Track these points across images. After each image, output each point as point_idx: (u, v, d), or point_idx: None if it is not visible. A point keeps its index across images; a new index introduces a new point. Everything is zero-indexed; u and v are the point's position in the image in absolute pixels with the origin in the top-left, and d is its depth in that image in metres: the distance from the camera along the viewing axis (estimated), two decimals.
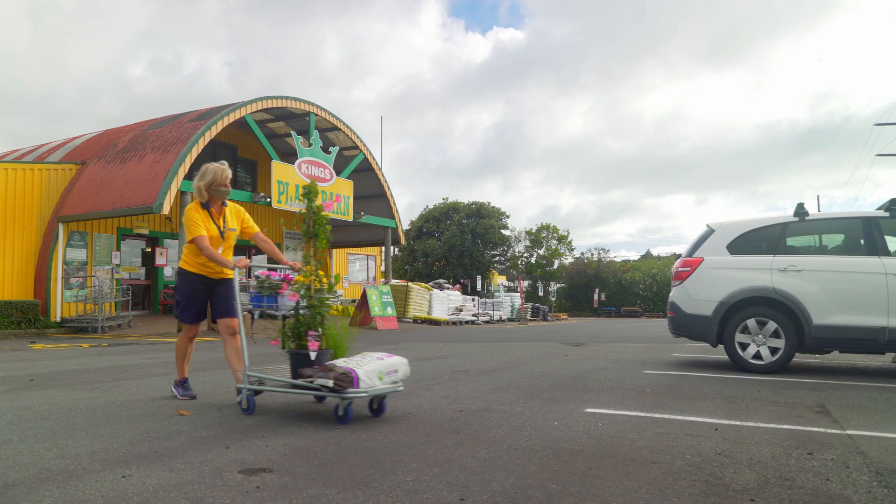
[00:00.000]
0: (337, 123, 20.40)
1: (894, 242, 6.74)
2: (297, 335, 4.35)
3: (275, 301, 4.51)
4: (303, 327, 4.33)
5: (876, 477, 2.86)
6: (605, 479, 2.79)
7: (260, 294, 4.57)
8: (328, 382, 3.91)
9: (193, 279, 4.77)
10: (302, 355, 4.23)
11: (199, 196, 4.76)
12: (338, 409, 3.98)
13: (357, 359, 4.18)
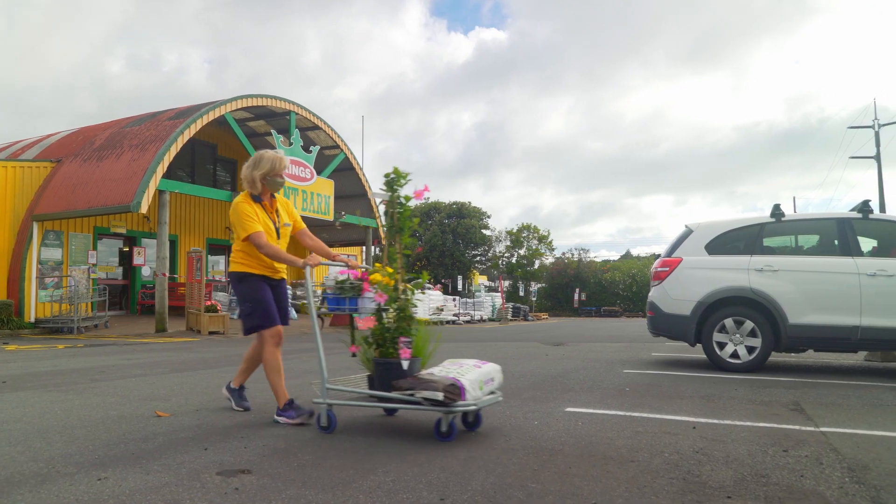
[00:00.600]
0: (318, 122, 20.30)
1: (867, 243, 6.87)
2: (381, 342, 3.83)
3: (356, 303, 3.95)
4: (388, 332, 3.80)
5: (848, 473, 2.91)
6: (584, 478, 2.80)
7: (341, 296, 3.99)
8: (437, 395, 3.40)
9: (258, 280, 4.13)
10: (393, 365, 3.70)
11: (251, 187, 4.14)
12: (440, 425, 3.52)
13: (453, 367, 3.73)
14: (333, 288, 4.03)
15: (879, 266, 6.47)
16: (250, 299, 4.09)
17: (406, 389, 3.54)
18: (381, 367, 3.76)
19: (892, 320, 6.35)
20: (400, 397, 3.57)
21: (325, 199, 19.92)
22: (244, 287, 4.12)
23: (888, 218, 7.21)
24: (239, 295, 4.16)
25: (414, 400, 3.52)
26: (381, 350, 3.81)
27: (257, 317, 4.09)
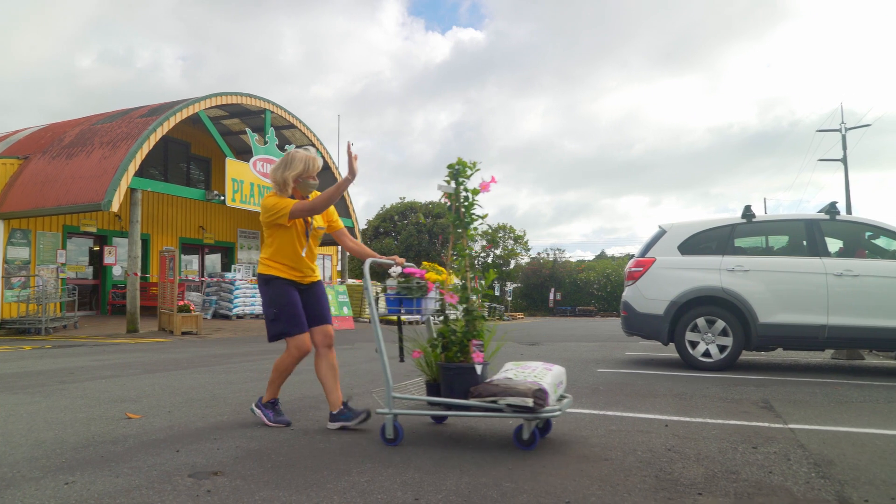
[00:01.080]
0: (293, 121, 20.16)
1: (834, 244, 7.03)
2: (447, 345, 3.56)
3: (420, 304, 3.71)
4: (455, 335, 3.56)
5: (814, 468, 2.97)
6: (558, 476, 2.82)
7: (408, 296, 3.71)
8: (527, 402, 3.19)
9: (285, 283, 3.88)
10: (466, 370, 3.45)
11: (281, 189, 3.89)
12: (521, 433, 3.34)
13: (521, 370, 3.56)
14: (398, 288, 3.72)
15: (846, 266, 6.61)
16: (276, 304, 3.82)
17: (487, 396, 3.30)
18: (452, 372, 3.46)
19: (858, 319, 6.49)
20: (480, 405, 3.32)
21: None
22: (269, 290, 3.87)
23: (854, 219, 7.38)
24: (265, 299, 3.90)
25: (495, 407, 3.28)
26: (447, 354, 3.54)
27: (282, 322, 3.81)
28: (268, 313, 3.87)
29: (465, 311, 3.58)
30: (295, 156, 3.94)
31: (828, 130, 30.55)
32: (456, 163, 3.62)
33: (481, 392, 3.33)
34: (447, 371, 3.48)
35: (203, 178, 22.71)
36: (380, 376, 6.39)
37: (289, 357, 3.86)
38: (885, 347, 7.02)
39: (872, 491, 2.65)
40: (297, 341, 3.82)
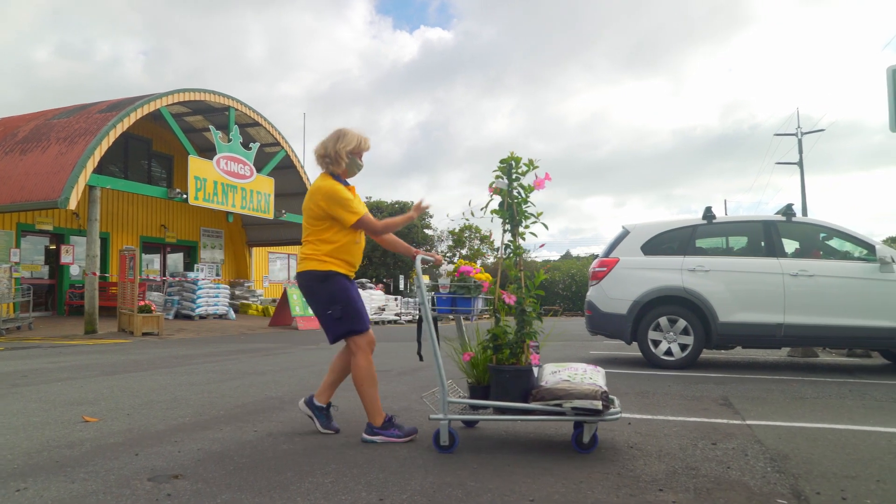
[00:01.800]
0: (258, 119, 19.89)
1: (790, 244, 7.22)
2: (499, 347, 3.45)
3: (471, 304, 3.56)
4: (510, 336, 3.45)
5: (770, 463, 3.05)
6: (522, 475, 2.84)
7: (465, 296, 3.55)
8: (596, 405, 3.12)
9: (345, 279, 3.57)
10: (523, 372, 3.36)
11: (335, 164, 3.59)
12: (581, 437, 3.26)
13: (574, 372, 3.49)
14: (452, 287, 3.56)
15: (801, 266, 6.80)
16: (340, 301, 3.48)
17: (552, 399, 3.20)
18: (508, 375, 3.35)
19: (812, 318, 6.69)
20: (542, 408, 3.22)
21: (265, 198, 19.53)
22: (330, 287, 3.50)
23: (809, 221, 7.60)
24: (323, 297, 3.51)
25: (558, 410, 3.20)
26: (498, 356, 3.44)
27: (350, 321, 3.49)
28: (332, 311, 3.48)
29: (521, 311, 3.45)
30: (347, 131, 3.65)
31: (785, 134, 31.39)
32: (509, 158, 3.49)
33: (545, 395, 3.24)
34: (502, 374, 3.37)
35: (165, 176, 22.27)
36: None
37: (364, 357, 3.53)
38: (837, 345, 7.24)
39: (824, 483, 2.73)
40: (368, 337, 3.56)
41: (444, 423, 3.24)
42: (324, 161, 3.62)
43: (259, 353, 9.41)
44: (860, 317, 6.59)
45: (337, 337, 3.56)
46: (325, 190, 3.50)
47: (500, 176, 3.52)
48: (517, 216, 3.50)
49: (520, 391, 3.33)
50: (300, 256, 3.63)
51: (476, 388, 3.53)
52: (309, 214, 3.58)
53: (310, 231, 3.58)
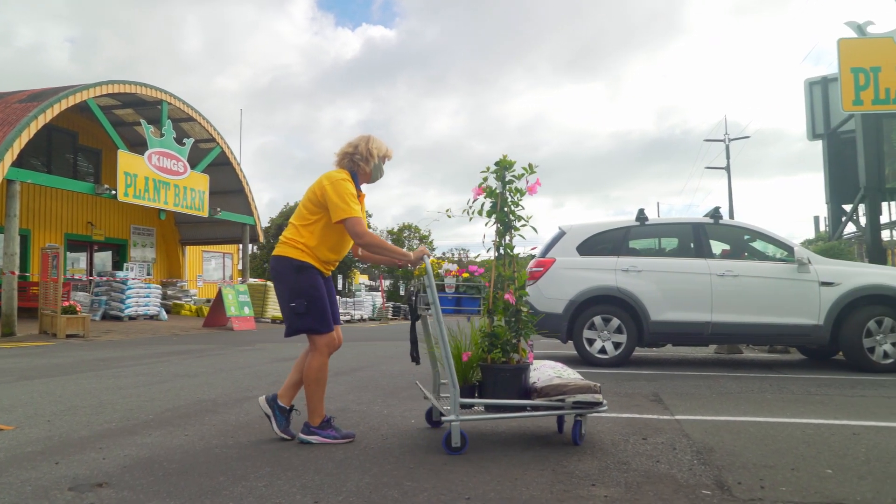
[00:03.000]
0: (192, 114, 19.31)
1: (717, 246, 7.53)
2: (495, 346, 3.49)
3: (477, 304, 3.56)
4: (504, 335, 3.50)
5: (696, 456, 3.17)
6: (458, 474, 2.86)
7: (474, 296, 3.53)
8: (598, 397, 3.30)
9: (318, 274, 3.49)
10: (521, 370, 3.45)
11: (365, 161, 3.56)
12: (581, 429, 3.43)
13: (557, 369, 3.64)
14: (460, 286, 3.53)
15: (727, 267, 7.10)
16: (307, 296, 3.40)
17: (555, 395, 3.30)
18: (509, 373, 3.41)
19: (737, 316, 6.99)
20: (546, 404, 3.32)
21: (200, 195, 18.98)
22: (302, 279, 3.41)
23: (735, 223, 7.95)
24: (292, 288, 3.42)
25: (560, 405, 3.31)
26: (491, 356, 3.48)
27: (313, 319, 3.41)
28: (296, 305, 3.39)
29: (517, 311, 3.50)
30: (375, 137, 3.63)
31: (714, 140, 32.74)
32: (503, 161, 3.55)
33: (549, 392, 3.32)
34: (502, 373, 3.40)
35: (92, 171, 21.33)
36: (282, 378, 6.24)
37: (320, 357, 3.46)
38: (759, 342, 7.60)
39: (745, 473, 2.86)
40: (328, 339, 3.46)
41: (455, 424, 3.20)
42: (353, 157, 3.57)
43: (192, 354, 9.13)
44: (779, 315, 6.93)
45: (294, 331, 3.47)
46: (333, 178, 3.43)
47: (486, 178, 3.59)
48: (511, 219, 3.54)
49: (517, 389, 3.39)
50: (280, 239, 3.54)
51: (463, 387, 3.49)
52: (309, 199, 3.49)
53: (302, 216, 3.49)
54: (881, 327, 6.71)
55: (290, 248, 3.46)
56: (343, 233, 3.51)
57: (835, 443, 3.47)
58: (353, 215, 3.38)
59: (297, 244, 3.45)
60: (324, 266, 3.53)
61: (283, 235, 3.52)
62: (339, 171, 3.54)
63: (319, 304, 3.42)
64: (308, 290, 3.41)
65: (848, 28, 9.65)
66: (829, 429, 3.84)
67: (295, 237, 3.47)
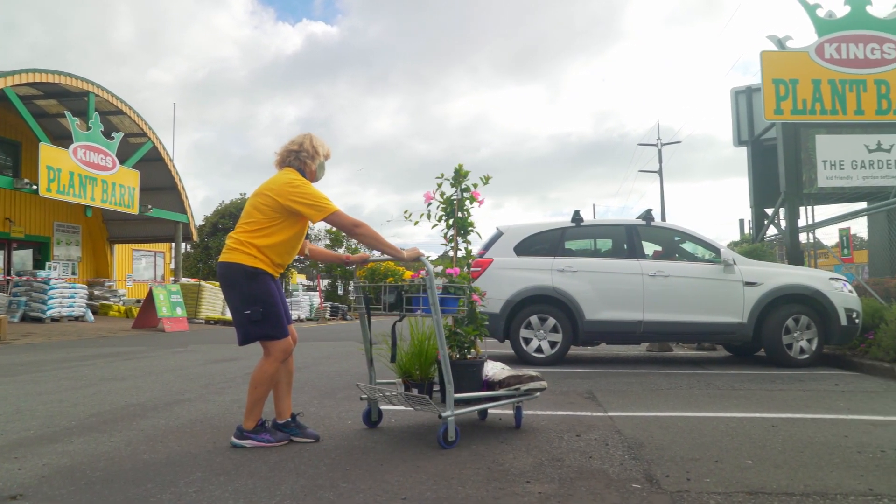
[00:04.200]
0: (122, 107, 18.56)
1: (649, 247, 7.77)
2: (460, 343, 3.75)
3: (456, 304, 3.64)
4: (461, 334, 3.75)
5: (628, 451, 3.27)
6: (394, 474, 2.86)
7: (456, 295, 3.63)
8: (544, 384, 3.80)
9: (271, 280, 3.43)
10: (480, 365, 3.75)
11: (311, 158, 3.54)
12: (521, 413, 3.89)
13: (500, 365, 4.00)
14: (446, 287, 3.60)
15: (658, 268, 7.33)
16: (262, 302, 3.32)
17: (515, 385, 3.69)
18: (475, 368, 3.71)
19: (668, 315, 7.23)
20: (508, 393, 3.68)
21: (130, 191, 18.27)
22: (255, 286, 3.33)
23: (666, 225, 8.22)
24: (245, 295, 3.34)
25: (517, 394, 3.70)
26: (460, 353, 3.77)
27: (268, 325, 3.33)
28: (251, 313, 3.31)
29: (472, 310, 3.76)
30: (313, 135, 3.62)
31: (647, 144, 33.77)
32: (460, 169, 3.86)
33: (511, 382, 3.70)
34: (470, 368, 3.67)
35: (11, 164, 20.20)
36: (216, 380, 6.08)
37: (274, 363, 3.38)
38: (688, 339, 7.87)
39: (673, 467, 2.97)
40: (283, 344, 3.40)
41: (451, 419, 3.32)
42: (299, 155, 3.52)
43: (120, 357, 8.78)
44: (707, 314, 7.21)
45: (249, 339, 3.39)
46: (294, 181, 3.38)
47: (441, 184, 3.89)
48: (465, 225, 3.88)
49: (478, 382, 3.70)
50: (229, 244, 3.42)
51: (420, 384, 3.67)
52: (264, 203, 3.39)
53: (256, 221, 3.39)
54: (798, 325, 7.08)
55: (241, 253, 3.36)
56: (298, 236, 3.50)
57: (755, 435, 3.64)
58: (335, 209, 3.36)
59: (249, 249, 3.36)
60: (275, 270, 3.47)
61: (232, 239, 3.42)
62: (291, 171, 3.48)
63: (274, 310, 3.37)
64: (263, 296, 3.34)
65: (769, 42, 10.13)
66: (751, 422, 4.03)
67: (248, 241, 3.37)
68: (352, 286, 3.91)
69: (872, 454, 3.22)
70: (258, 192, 3.46)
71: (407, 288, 3.53)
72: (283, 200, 3.35)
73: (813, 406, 4.62)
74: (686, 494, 2.58)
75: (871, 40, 9.93)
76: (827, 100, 9.82)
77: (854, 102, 9.81)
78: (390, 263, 3.73)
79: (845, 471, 2.92)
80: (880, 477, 2.82)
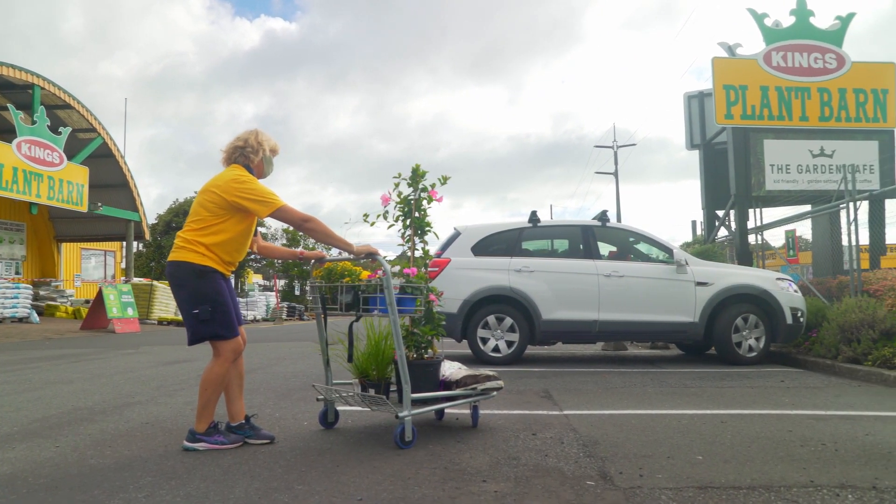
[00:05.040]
0: (69, 101, 17.98)
1: (605, 247, 7.91)
2: (417, 343, 3.74)
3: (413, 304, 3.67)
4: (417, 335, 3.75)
5: (582, 448, 3.32)
6: (351, 475, 2.84)
7: (413, 296, 3.65)
8: (500, 383, 3.82)
9: (221, 279, 3.38)
10: (437, 364, 3.75)
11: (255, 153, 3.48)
12: (478, 411, 3.91)
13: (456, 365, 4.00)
14: (404, 287, 3.61)
15: (613, 268, 7.46)
16: (211, 301, 3.27)
17: (472, 384, 3.70)
18: (433, 368, 3.71)
19: (622, 315, 7.36)
20: (466, 393, 3.69)
21: (78, 188, 17.71)
22: (204, 285, 3.28)
23: (621, 226, 8.38)
24: (194, 294, 3.29)
25: (474, 393, 3.72)
26: (417, 353, 3.75)
27: (218, 325, 3.29)
28: (200, 312, 3.26)
29: (429, 310, 3.76)
30: (259, 130, 3.57)
31: (603, 147, 34.30)
32: (417, 169, 3.88)
33: (468, 381, 3.72)
34: (428, 367, 3.66)
35: None
36: (168, 382, 5.95)
37: (223, 364, 3.33)
38: (642, 339, 8.04)
39: (626, 464, 3.03)
40: (233, 344, 3.36)
41: (408, 419, 3.32)
42: (244, 151, 3.47)
43: (67, 359, 8.50)
44: (660, 313, 7.37)
45: (198, 339, 3.33)
46: (240, 177, 3.35)
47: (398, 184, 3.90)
48: (422, 226, 3.91)
49: (435, 382, 3.70)
50: (177, 242, 3.37)
51: (376, 384, 3.65)
52: (210, 200, 3.34)
53: (203, 219, 3.35)
54: (747, 323, 7.30)
55: (190, 252, 3.31)
56: (246, 233, 3.46)
57: (705, 431, 3.74)
58: (283, 203, 3.34)
59: (197, 247, 3.31)
60: (225, 268, 3.42)
61: (181, 239, 3.37)
62: (237, 167, 3.44)
63: (224, 309, 3.32)
64: (212, 295, 3.29)
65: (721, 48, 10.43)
66: (701, 418, 4.14)
67: (195, 240, 3.33)
68: (308, 286, 3.92)
69: (814, 447, 3.34)
70: (204, 190, 3.42)
71: (364, 288, 3.52)
72: (229, 197, 3.32)
73: (760, 402, 4.78)
74: (639, 490, 2.63)
75: (815, 50, 10.31)
76: (774, 106, 10.16)
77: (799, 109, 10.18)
78: (347, 263, 3.71)
79: (789, 464, 3.02)
80: (820, 469, 2.93)
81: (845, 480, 2.76)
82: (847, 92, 10.22)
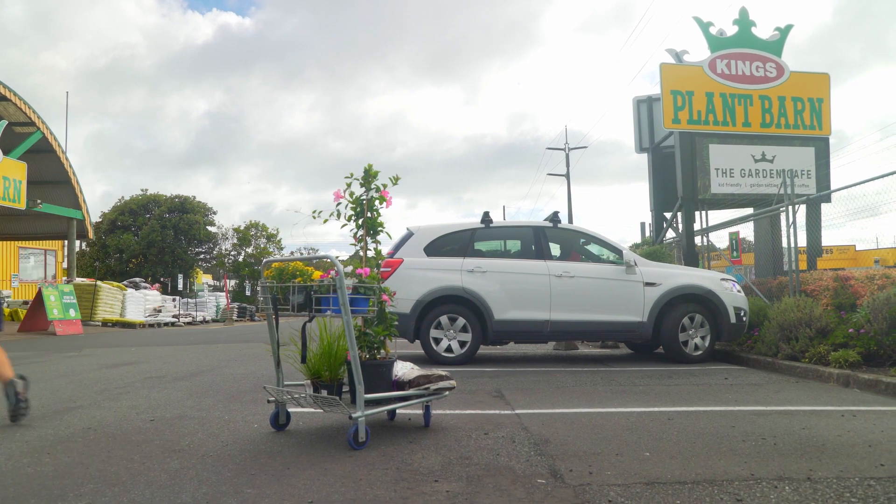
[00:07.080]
0: (6, 93, 17.22)
1: (556, 248, 8.02)
2: (370, 344, 3.78)
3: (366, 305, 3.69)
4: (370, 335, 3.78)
5: (534, 447, 3.36)
6: (302, 478, 2.81)
7: (367, 296, 3.68)
8: (452, 383, 3.81)
9: None
10: (390, 365, 3.76)
11: None
12: (430, 411, 3.92)
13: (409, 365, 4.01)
14: (357, 288, 3.63)
15: (564, 268, 7.58)
16: None
17: (425, 384, 3.71)
18: (385, 368, 3.71)
19: (573, 315, 7.48)
20: (418, 393, 3.70)
21: (15, 184, 16.98)
22: None
23: (572, 228, 8.50)
24: None
25: (427, 393, 3.73)
26: (370, 353, 3.77)
27: None
28: None
29: (382, 311, 3.78)
30: None
31: (555, 149, 34.77)
32: (370, 169, 3.90)
33: (421, 381, 3.73)
34: (381, 368, 3.67)
35: None
36: (112, 385, 5.76)
37: None
38: (592, 338, 8.18)
39: (576, 461, 3.08)
40: None
41: (361, 419, 3.33)
42: None
43: None
44: (610, 313, 7.51)
45: None
46: None
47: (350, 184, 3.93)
48: (375, 226, 3.93)
49: (388, 382, 3.70)
50: None
51: (329, 385, 3.65)
52: None
53: None
54: (693, 323, 7.51)
55: None
56: None
57: (653, 428, 3.83)
58: None
59: None
60: None
61: None
62: None
63: None
64: None
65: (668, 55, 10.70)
66: (649, 416, 4.24)
67: None
68: (259, 286, 3.92)
69: (755, 442, 3.46)
70: None
71: (316, 288, 3.50)
72: None
73: (705, 399, 4.92)
74: (588, 487, 2.68)
75: (756, 59, 10.68)
76: (719, 111, 10.47)
77: (742, 115, 10.52)
78: (298, 263, 3.67)
79: (731, 458, 3.12)
80: (760, 462, 3.04)
81: (783, 473, 2.88)
82: (786, 100, 10.62)
